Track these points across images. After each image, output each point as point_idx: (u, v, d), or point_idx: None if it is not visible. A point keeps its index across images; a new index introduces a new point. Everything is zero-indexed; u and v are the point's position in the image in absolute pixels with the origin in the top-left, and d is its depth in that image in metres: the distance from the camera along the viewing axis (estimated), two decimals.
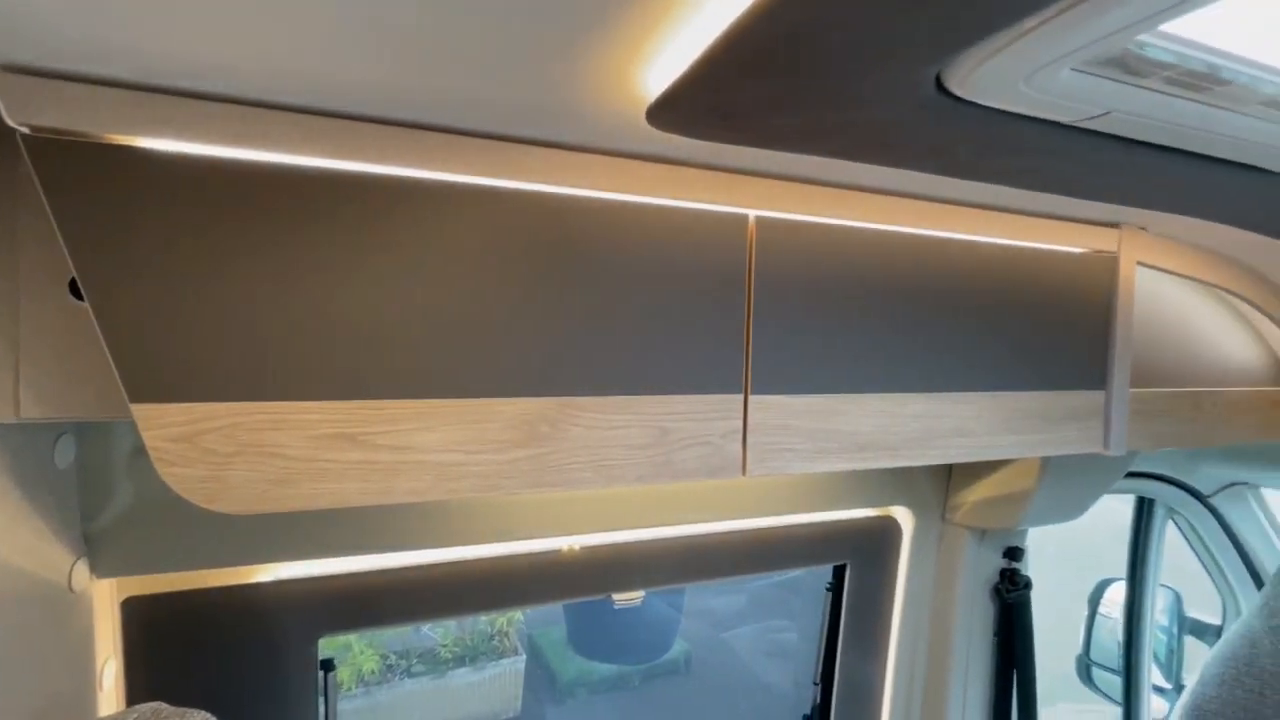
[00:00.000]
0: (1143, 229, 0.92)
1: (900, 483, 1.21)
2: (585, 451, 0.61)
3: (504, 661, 3.85)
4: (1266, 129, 0.47)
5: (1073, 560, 1.84)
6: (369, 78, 0.45)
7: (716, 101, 0.43)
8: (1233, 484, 1.58)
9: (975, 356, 0.81)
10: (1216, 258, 1.00)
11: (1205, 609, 1.82)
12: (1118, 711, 1.77)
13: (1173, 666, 1.84)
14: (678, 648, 3.68)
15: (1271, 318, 1.07)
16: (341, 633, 0.89)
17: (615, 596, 1.04)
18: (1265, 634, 1.16)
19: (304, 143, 0.49)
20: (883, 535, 1.24)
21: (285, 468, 0.51)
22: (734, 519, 1.08)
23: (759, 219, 0.68)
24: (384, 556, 0.85)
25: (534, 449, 0.59)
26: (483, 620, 3.89)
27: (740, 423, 0.68)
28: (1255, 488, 1.58)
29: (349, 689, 2.91)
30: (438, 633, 3.96)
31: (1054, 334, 0.87)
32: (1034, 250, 0.85)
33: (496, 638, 3.88)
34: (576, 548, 0.98)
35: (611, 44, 0.39)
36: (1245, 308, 1.08)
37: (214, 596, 0.78)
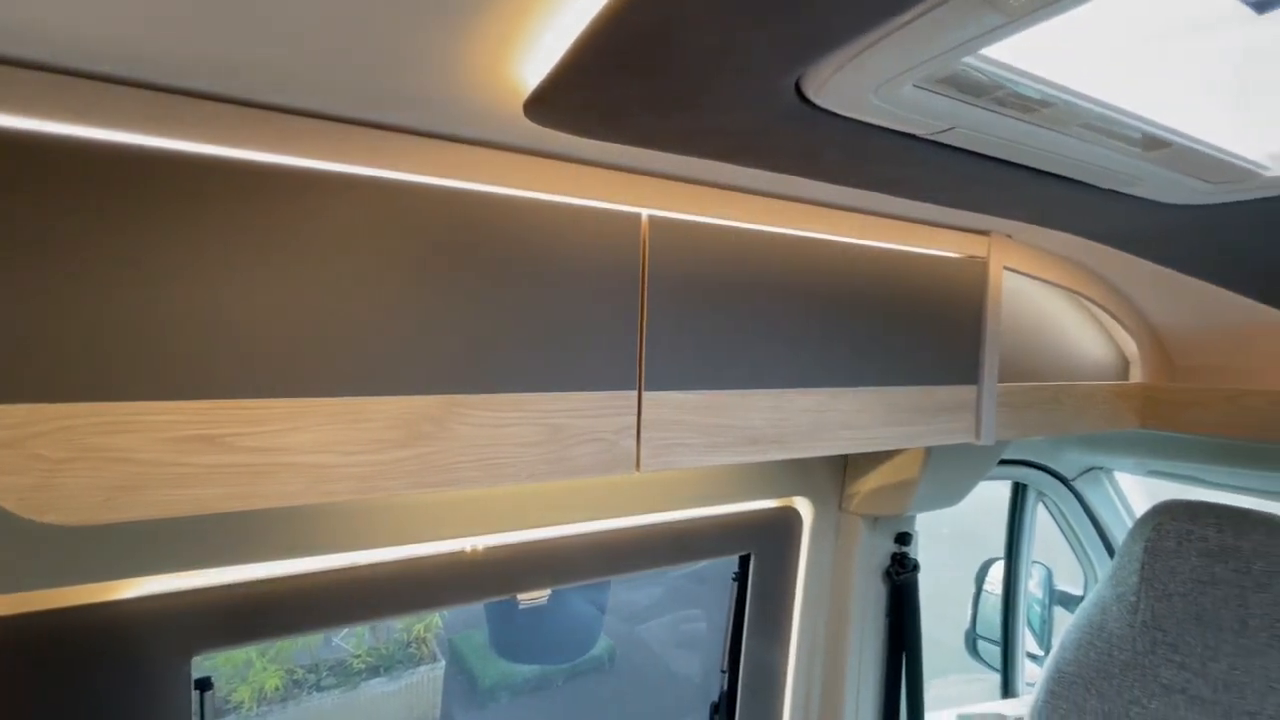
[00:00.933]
0: (1009, 237, 1.01)
1: (800, 475, 1.27)
2: (473, 450, 0.60)
3: (421, 669, 3.73)
4: (1087, 149, 0.53)
5: (970, 543, 2.00)
6: (213, 52, 0.42)
7: (591, 99, 0.43)
8: (1091, 468, 1.75)
9: (860, 354, 0.86)
10: (1071, 264, 1.11)
11: (1073, 582, 2.02)
12: (998, 679, 1.93)
13: (1044, 635, 2.02)
14: (602, 644, 3.68)
15: (1117, 319, 1.20)
16: (220, 649, 0.83)
17: (520, 596, 1.03)
18: (1113, 601, 1.30)
19: (148, 121, 0.46)
20: (785, 525, 1.29)
21: (133, 473, 0.47)
22: (641, 514, 1.09)
23: (652, 218, 0.69)
24: (267, 565, 0.81)
25: (417, 449, 0.58)
26: (399, 627, 3.75)
27: (634, 419, 0.69)
28: (1109, 471, 1.77)
29: (249, 708, 2.73)
30: (350, 643, 3.79)
31: (931, 333, 0.93)
32: (913, 254, 0.91)
33: (414, 645, 3.76)
34: (480, 548, 0.96)
35: (481, 32, 0.39)
36: (1097, 309, 1.20)
37: (72, 617, 0.71)
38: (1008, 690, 1.90)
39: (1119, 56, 0.52)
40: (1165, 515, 1.26)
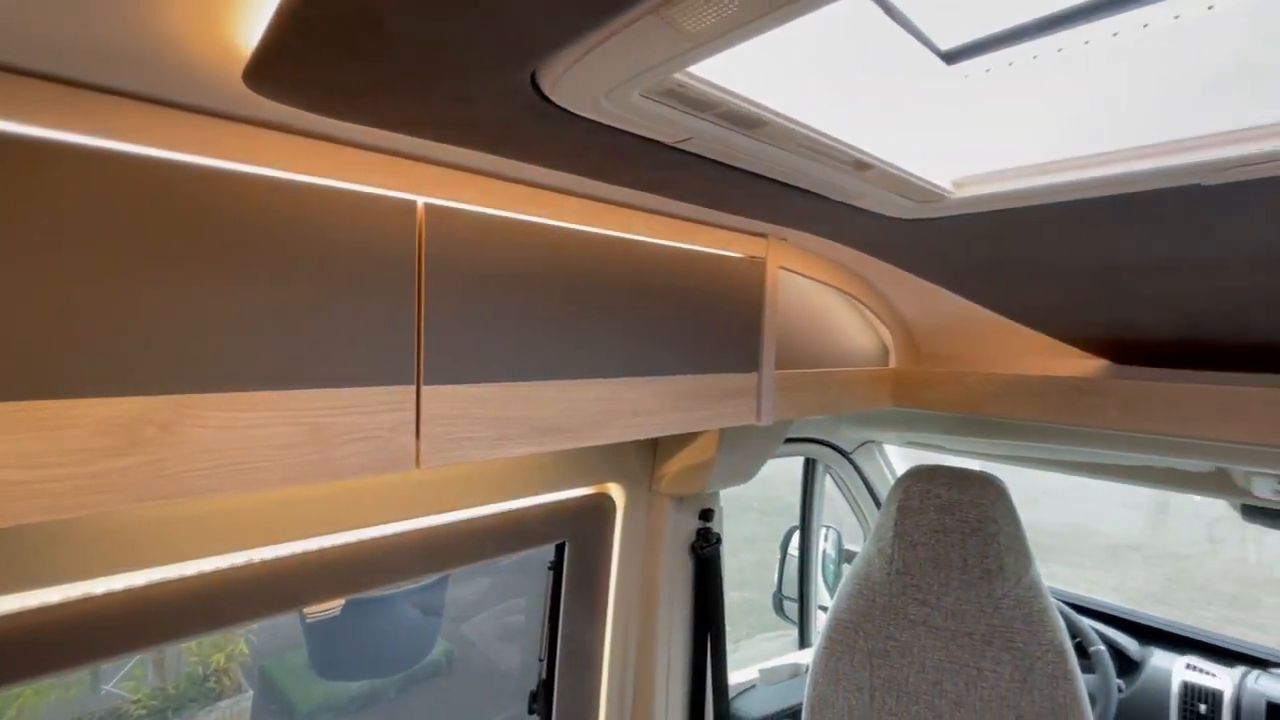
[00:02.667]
0: (784, 240, 1.13)
1: (613, 461, 1.32)
2: (212, 455, 0.54)
3: (222, 705, 3.31)
4: (814, 166, 0.61)
5: (784, 514, 2.22)
6: None
7: (311, 75, 0.41)
8: (865, 442, 2.03)
9: (649, 345, 0.91)
10: (837, 265, 1.27)
11: (859, 541, 2.33)
12: (794, 631, 2.17)
13: (835, 590, 2.31)
14: (440, 648, 3.52)
15: (875, 313, 1.40)
16: None
17: (308, 610, 0.95)
18: (875, 554, 1.53)
19: None
20: (599, 511, 1.33)
21: None
22: (450, 511, 1.06)
23: (429, 206, 0.67)
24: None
25: (138, 457, 0.51)
26: (192, 660, 3.29)
27: (413, 414, 0.67)
28: (879, 444, 2.07)
29: None
30: (125, 687, 3.26)
31: (716, 325, 1.02)
32: (699, 253, 0.99)
33: (212, 678, 3.32)
34: (265, 559, 0.87)
35: None
36: (860, 305, 1.39)
37: None
38: (804, 642, 2.14)
39: (846, 92, 0.60)
40: (912, 479, 1.50)
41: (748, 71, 0.47)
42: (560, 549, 1.32)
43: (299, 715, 3.28)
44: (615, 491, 1.35)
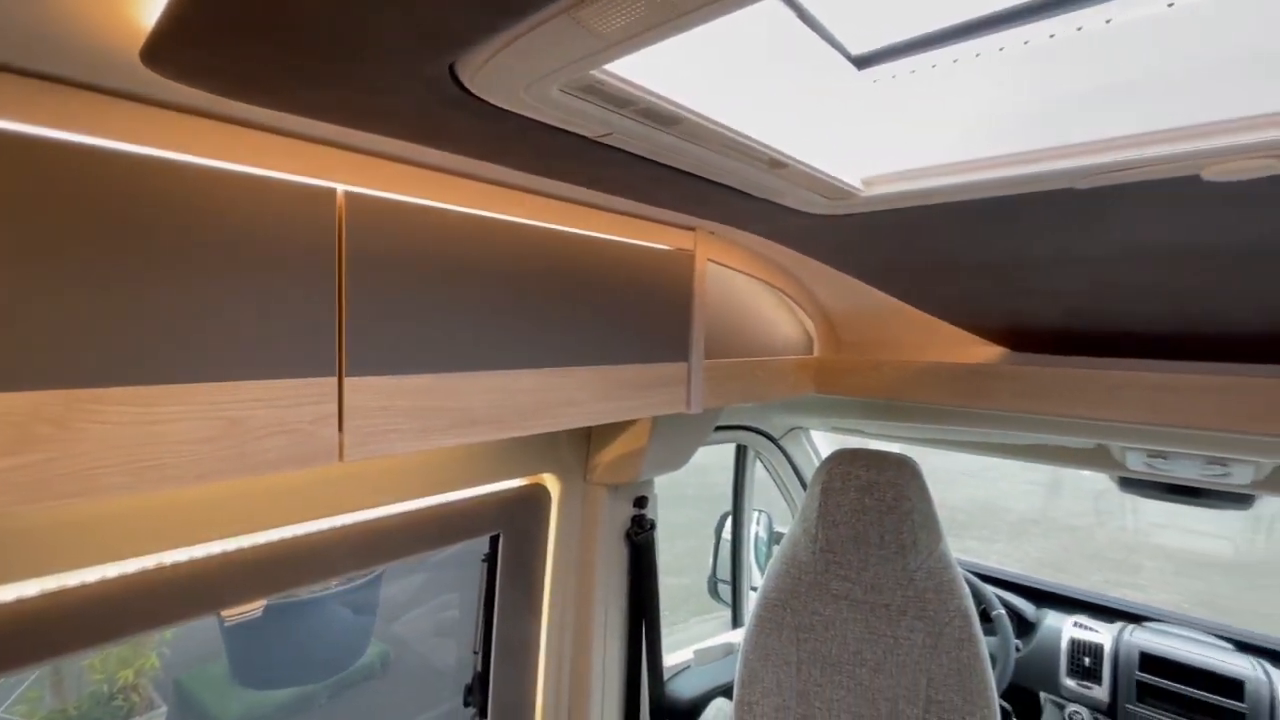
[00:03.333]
0: (712, 233, 1.16)
1: (547, 451, 1.32)
2: (117, 452, 0.52)
3: None
4: (732, 164, 0.64)
5: (719, 501, 2.29)
6: None
7: (218, 58, 0.40)
8: (793, 428, 2.12)
9: (580, 335, 0.93)
10: (763, 258, 1.32)
11: (789, 524, 2.43)
12: (728, 613, 2.25)
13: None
14: (374, 650, 3.41)
15: (799, 304, 1.46)
16: None
17: (226, 613, 0.92)
18: (801, 535, 1.60)
19: None
20: (534, 502, 1.34)
21: None
22: (381, 506, 1.04)
23: (349, 194, 0.65)
24: None
25: (30, 456, 0.48)
26: (96, 677, 3.06)
27: (335, 407, 0.66)
28: (806, 430, 2.16)
29: None
30: (18, 710, 3.01)
31: (646, 316, 1.04)
32: (629, 245, 1.00)
33: (119, 696, 3.10)
34: (181, 561, 0.83)
35: None
36: (785, 296, 1.45)
37: None
38: (736, 622, 2.22)
39: (762, 93, 0.63)
40: (834, 462, 1.58)
41: (668, 71, 0.49)
42: (494, 541, 1.31)
43: None
44: (550, 482, 1.36)
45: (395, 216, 0.69)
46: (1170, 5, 0.59)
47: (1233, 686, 1.55)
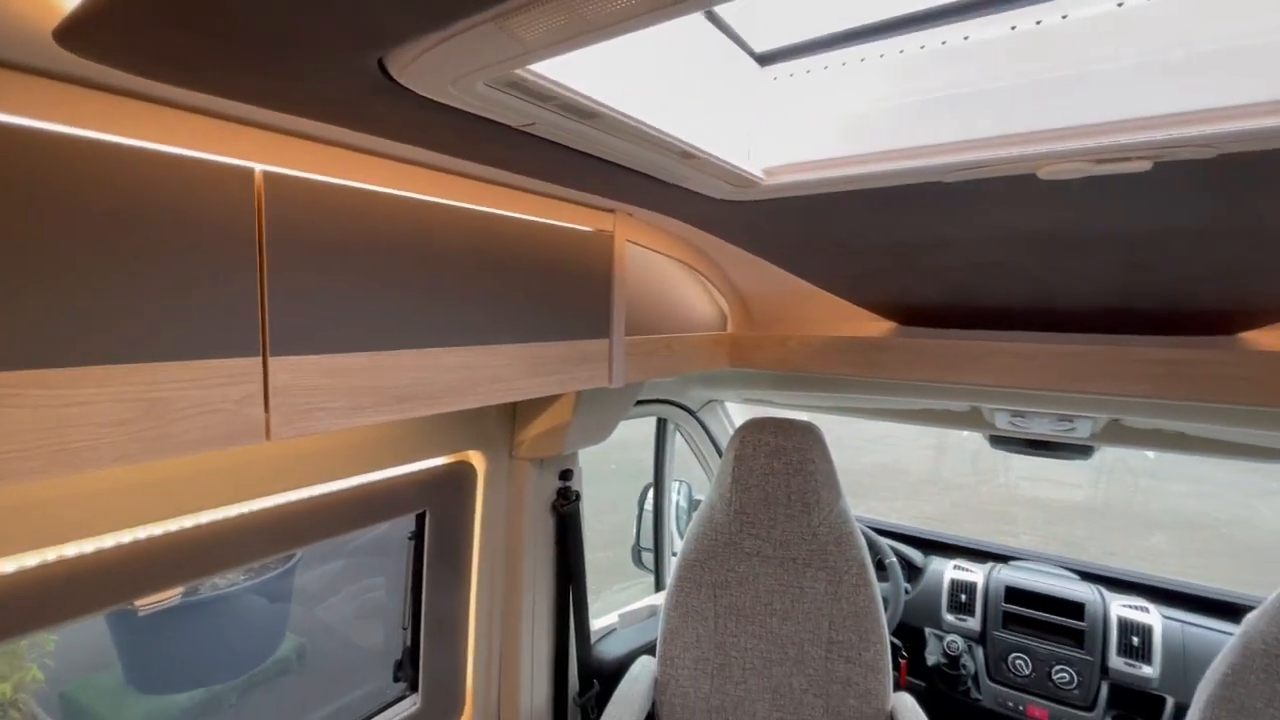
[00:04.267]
0: (630, 214, 1.21)
1: (472, 429, 1.35)
2: (30, 436, 0.51)
3: None
4: (646, 154, 0.69)
5: (640, 477, 2.38)
6: None
7: (138, 41, 0.40)
8: (709, 401, 2.23)
9: (506, 314, 0.96)
10: (680, 240, 1.39)
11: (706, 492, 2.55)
12: (651, 579, 2.36)
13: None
14: (289, 644, 3.28)
15: (713, 284, 1.54)
16: None
17: (140, 602, 0.89)
18: (717, 499, 1.71)
19: None
20: (460, 479, 1.36)
21: None
22: (304, 488, 1.03)
23: (267, 174, 0.65)
24: None
25: None
26: None
27: (260, 386, 0.66)
28: (721, 402, 2.28)
29: None
30: None
31: (569, 294, 1.08)
32: (551, 226, 1.04)
33: None
34: (85, 553, 0.80)
35: None
36: (700, 276, 1.53)
37: None
38: (659, 586, 2.34)
39: (674, 88, 0.68)
40: (746, 430, 1.69)
41: (587, 68, 0.53)
42: (420, 519, 1.33)
43: None
44: (475, 459, 1.39)
45: (316, 197, 0.70)
46: (1013, 29, 0.69)
47: (1075, 609, 1.82)
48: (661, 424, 2.23)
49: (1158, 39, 0.64)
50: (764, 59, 0.87)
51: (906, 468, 9.59)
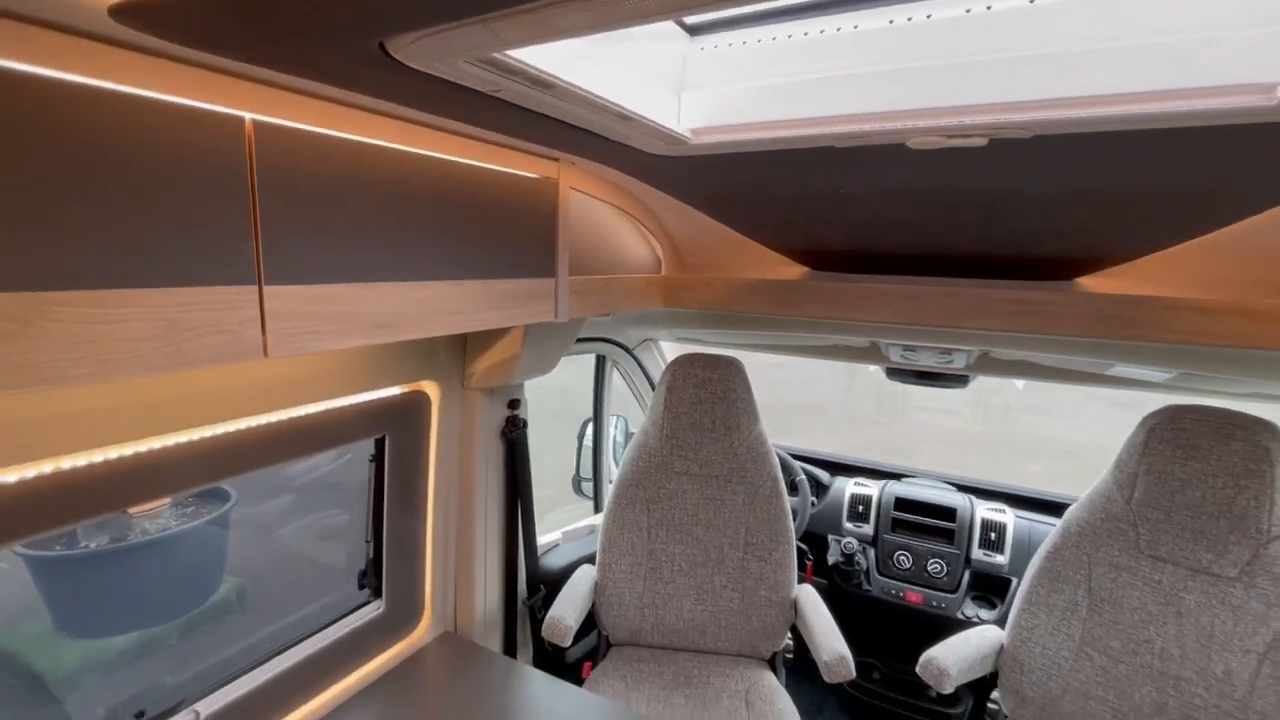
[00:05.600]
0: (574, 163, 1.32)
1: (426, 361, 1.46)
2: (77, 347, 0.61)
3: None
4: (593, 116, 0.81)
5: (580, 421, 2.55)
6: None
7: (180, 16, 0.49)
8: (645, 339, 2.41)
9: (465, 253, 1.07)
10: (619, 188, 1.51)
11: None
12: (591, 505, 2.57)
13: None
14: (228, 586, 3.31)
15: (649, 229, 1.68)
16: None
17: (133, 510, 0.99)
18: (651, 427, 1.90)
19: None
20: (415, 407, 1.48)
21: None
22: (269, 413, 1.13)
23: (256, 122, 0.74)
24: None
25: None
26: None
27: (257, 311, 0.76)
28: (656, 340, 2.46)
29: None
30: None
31: (519, 236, 1.20)
32: (503, 173, 1.14)
33: None
34: (80, 466, 0.89)
35: None
36: (637, 222, 1.66)
37: None
38: (598, 508, 2.55)
39: (614, 57, 0.80)
40: (677, 365, 1.88)
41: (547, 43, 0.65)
42: (380, 443, 1.45)
43: (55, 681, 2.91)
44: (430, 388, 1.50)
45: (300, 144, 0.78)
46: (890, 22, 0.85)
47: (949, 513, 2.16)
48: (600, 361, 2.39)
49: (997, 39, 0.81)
50: (693, 30, 1.00)
51: (827, 409, 10.27)
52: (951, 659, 1.49)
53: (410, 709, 1.38)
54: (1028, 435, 8.99)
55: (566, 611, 1.66)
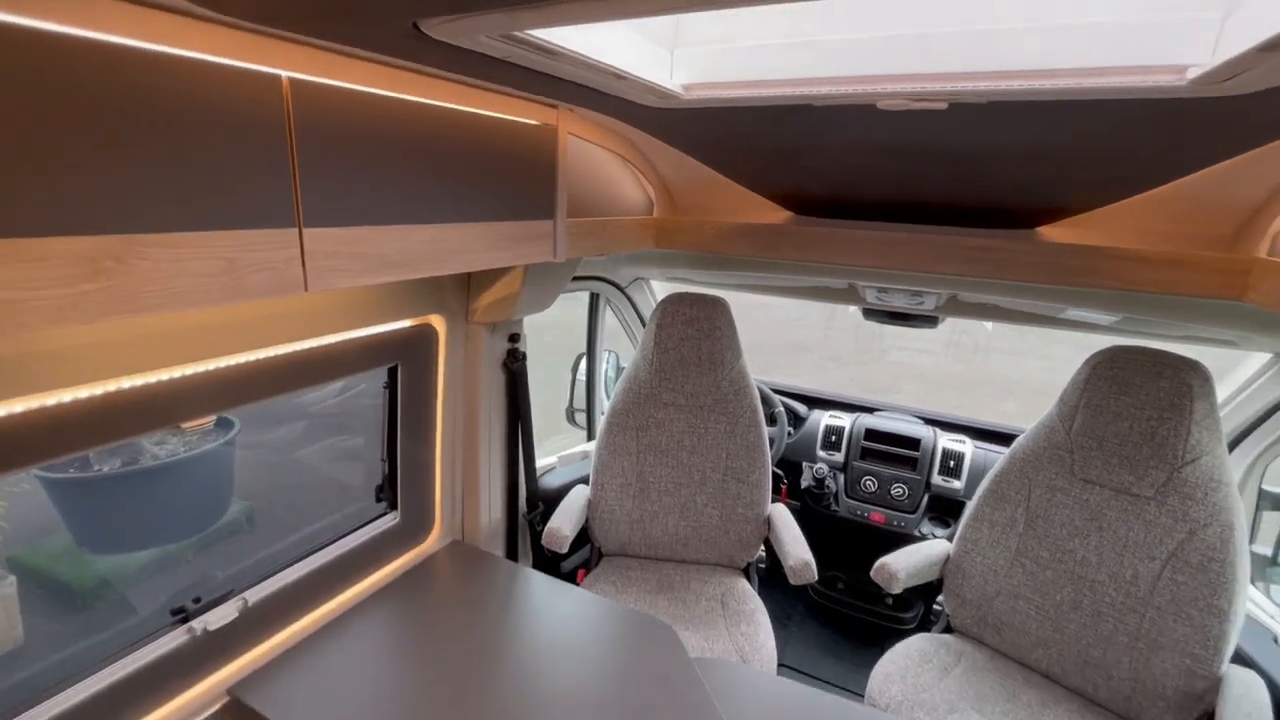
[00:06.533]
0: (572, 111, 1.39)
1: (433, 297, 1.57)
2: (157, 282, 0.72)
3: None
4: (593, 75, 0.90)
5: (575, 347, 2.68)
6: None
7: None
8: (637, 278, 2.51)
9: (471, 197, 1.16)
10: (615, 135, 1.59)
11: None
12: (584, 433, 2.74)
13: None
14: (237, 508, 3.50)
15: (642, 174, 1.76)
16: None
17: (185, 425, 1.12)
18: (641, 360, 2.04)
19: None
20: (424, 339, 1.60)
21: None
22: (296, 342, 1.25)
23: (293, 80, 0.82)
24: None
25: (102, 282, 0.67)
26: None
27: (298, 251, 0.87)
28: (647, 280, 2.56)
29: None
30: None
31: (521, 181, 1.29)
32: (509, 121, 1.22)
33: None
34: (137, 385, 1.02)
35: None
36: (632, 166, 1.74)
37: None
38: (591, 436, 2.73)
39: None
40: (668, 303, 2.00)
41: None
42: (393, 371, 1.58)
43: (83, 591, 3.13)
44: (437, 322, 1.62)
45: (330, 99, 0.87)
46: None
47: (914, 443, 2.35)
48: (595, 299, 2.50)
49: (966, 12, 0.89)
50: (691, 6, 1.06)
51: (810, 348, 10.49)
52: (901, 564, 1.70)
53: (425, 605, 1.57)
54: (1004, 376, 9.30)
55: (563, 523, 1.84)
